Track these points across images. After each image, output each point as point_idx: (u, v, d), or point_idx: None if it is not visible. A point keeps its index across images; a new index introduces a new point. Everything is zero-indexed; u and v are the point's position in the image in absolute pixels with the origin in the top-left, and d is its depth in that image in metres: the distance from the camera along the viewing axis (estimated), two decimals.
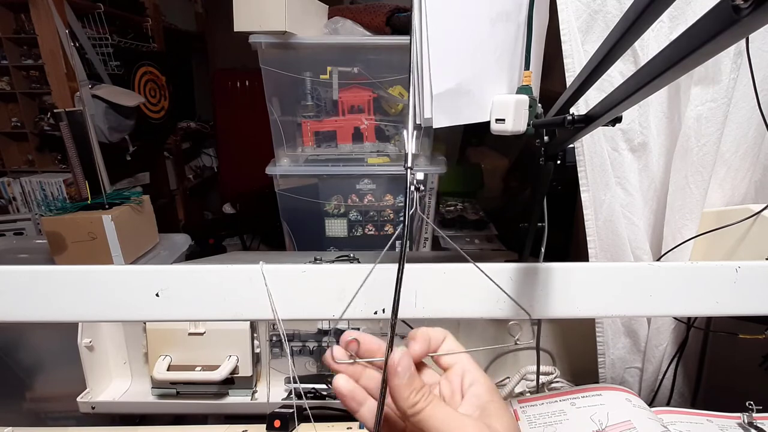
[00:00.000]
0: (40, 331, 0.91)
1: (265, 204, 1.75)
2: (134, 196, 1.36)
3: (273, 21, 1.08)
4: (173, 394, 0.83)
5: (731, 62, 0.72)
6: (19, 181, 2.03)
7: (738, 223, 0.74)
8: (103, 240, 1.23)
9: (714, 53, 0.23)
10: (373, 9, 1.29)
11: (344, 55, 1.25)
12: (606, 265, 0.48)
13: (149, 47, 2.31)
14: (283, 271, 0.45)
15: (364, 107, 1.32)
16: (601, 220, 0.80)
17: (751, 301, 0.46)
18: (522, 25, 0.82)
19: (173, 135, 2.65)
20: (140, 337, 0.83)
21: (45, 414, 0.94)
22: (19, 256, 1.45)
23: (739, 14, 0.18)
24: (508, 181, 1.74)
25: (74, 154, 1.31)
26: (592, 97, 0.74)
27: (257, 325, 0.83)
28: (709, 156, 0.75)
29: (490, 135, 0.83)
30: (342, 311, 0.44)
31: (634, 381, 0.88)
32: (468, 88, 0.84)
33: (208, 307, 0.45)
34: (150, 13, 2.32)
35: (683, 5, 0.71)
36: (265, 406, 0.77)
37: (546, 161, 0.65)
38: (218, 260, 1.42)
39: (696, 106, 0.74)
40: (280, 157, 1.35)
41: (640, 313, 0.47)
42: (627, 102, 0.32)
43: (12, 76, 1.94)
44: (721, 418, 0.64)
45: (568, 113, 0.48)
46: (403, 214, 0.38)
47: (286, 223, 1.46)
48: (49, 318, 0.45)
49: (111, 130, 1.86)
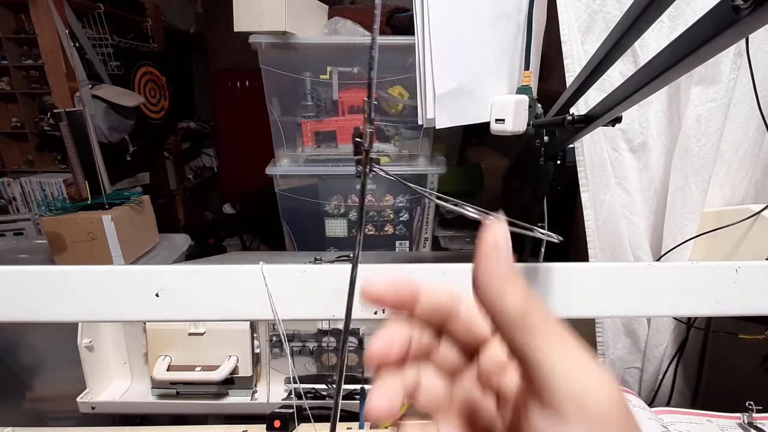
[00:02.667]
0: (40, 331, 0.91)
1: (265, 204, 1.75)
2: (134, 196, 1.36)
3: (273, 21, 1.08)
4: (173, 394, 0.83)
5: (731, 62, 0.72)
6: (19, 182, 2.02)
7: (738, 223, 0.74)
8: (103, 240, 1.23)
9: (714, 53, 0.23)
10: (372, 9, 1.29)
11: (344, 55, 1.25)
12: (606, 265, 0.48)
13: (149, 47, 2.31)
14: (283, 271, 0.45)
15: (364, 107, 1.32)
16: (601, 220, 0.80)
17: (751, 301, 0.46)
18: (522, 26, 0.82)
19: (173, 135, 2.65)
20: (140, 337, 0.83)
21: (45, 414, 0.94)
22: (19, 256, 1.45)
23: (739, 14, 0.18)
24: (508, 181, 1.74)
25: (74, 154, 1.30)
26: (592, 97, 0.74)
27: (257, 325, 0.83)
28: (709, 156, 0.75)
29: (490, 135, 0.83)
30: (342, 311, 0.44)
31: (634, 381, 0.88)
32: (469, 88, 0.84)
33: (208, 307, 0.45)
34: (150, 13, 2.32)
35: (683, 5, 0.71)
36: (265, 406, 0.77)
37: (546, 161, 0.65)
38: (218, 260, 1.42)
39: (696, 106, 0.74)
40: (280, 157, 1.35)
41: (640, 313, 0.47)
42: (627, 102, 0.32)
43: (12, 76, 1.94)
44: (721, 418, 0.64)
45: (568, 113, 0.48)
46: (358, 213, 0.34)
47: (286, 223, 1.46)
48: (49, 318, 0.45)
49: (111, 130, 1.86)
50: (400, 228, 1.47)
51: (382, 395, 0.20)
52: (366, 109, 0.24)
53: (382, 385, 0.20)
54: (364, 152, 0.25)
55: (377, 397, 0.19)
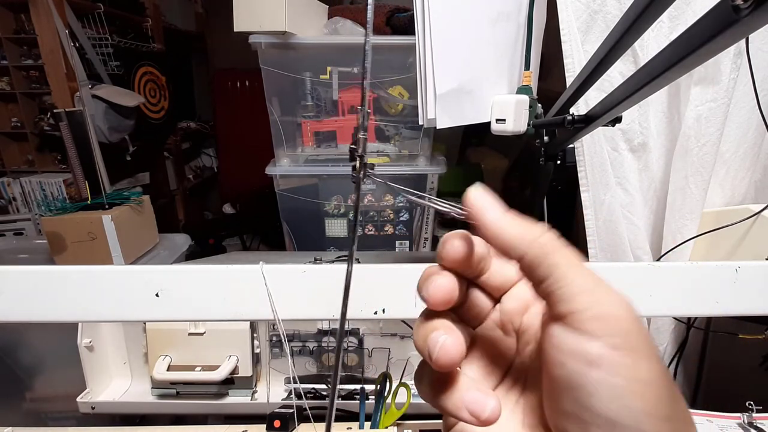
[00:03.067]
0: (40, 331, 0.91)
1: (265, 204, 1.75)
2: (134, 196, 1.36)
3: (273, 21, 1.08)
4: (173, 394, 0.83)
5: (731, 62, 0.72)
6: (19, 181, 2.02)
7: (738, 223, 0.74)
8: (103, 240, 1.23)
9: (714, 53, 0.23)
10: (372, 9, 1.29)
11: (344, 55, 1.25)
12: (606, 265, 0.48)
13: (149, 47, 2.31)
14: (283, 271, 0.45)
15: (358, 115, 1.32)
16: (601, 220, 0.80)
17: (751, 301, 0.46)
18: (522, 26, 0.82)
19: (173, 135, 2.64)
20: (140, 337, 0.83)
21: (45, 414, 0.94)
22: (19, 256, 1.45)
23: (739, 14, 0.18)
24: (508, 181, 1.74)
25: (74, 154, 1.30)
26: (592, 97, 0.74)
27: (257, 325, 0.83)
28: (709, 156, 0.75)
29: (490, 135, 0.83)
30: (342, 311, 0.44)
31: None
32: (470, 88, 0.84)
33: (208, 307, 0.45)
34: (150, 13, 2.32)
35: (683, 5, 0.71)
36: (265, 406, 0.77)
37: (546, 161, 0.65)
38: (218, 260, 1.42)
39: (696, 106, 0.74)
40: (280, 157, 1.35)
41: (640, 313, 0.47)
42: (627, 102, 0.32)
43: (12, 76, 1.94)
44: (721, 418, 0.64)
45: (568, 113, 0.48)
46: (353, 216, 0.34)
47: (286, 223, 1.46)
48: (49, 318, 0.45)
49: (111, 130, 1.86)
50: (400, 228, 1.47)
51: (456, 341, 0.20)
52: (359, 117, 0.25)
53: (451, 332, 0.20)
54: (358, 158, 0.25)
55: (454, 342, 0.20)
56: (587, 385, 0.17)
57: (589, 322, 0.18)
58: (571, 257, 0.19)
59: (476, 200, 0.20)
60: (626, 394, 0.17)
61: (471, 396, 0.20)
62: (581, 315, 0.18)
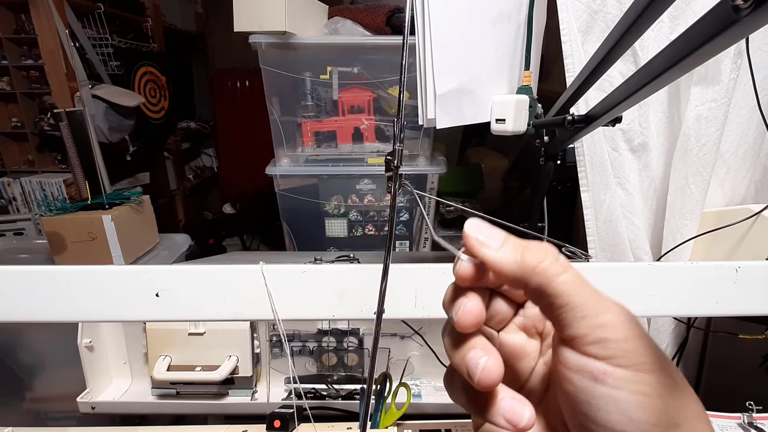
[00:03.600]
0: (40, 331, 0.91)
1: (265, 204, 1.75)
2: (134, 196, 1.36)
3: (273, 21, 1.08)
4: (173, 394, 0.83)
5: (731, 62, 0.72)
6: (19, 181, 2.02)
7: (738, 223, 0.74)
8: (103, 240, 1.23)
9: (714, 53, 0.23)
10: (373, 9, 1.29)
11: (344, 55, 1.25)
12: (606, 265, 0.48)
13: (149, 47, 2.31)
14: (283, 271, 0.45)
15: (364, 107, 1.32)
16: (601, 220, 0.80)
17: (751, 301, 0.46)
18: (522, 26, 0.82)
19: (173, 135, 2.64)
20: (140, 337, 0.83)
21: (45, 414, 0.94)
22: (19, 256, 1.45)
23: (739, 14, 0.18)
24: (508, 181, 1.74)
25: (74, 154, 1.30)
26: (592, 97, 0.74)
27: (257, 325, 0.83)
28: (709, 156, 0.75)
29: (490, 135, 0.83)
30: (342, 311, 0.44)
31: None
32: (470, 88, 0.84)
33: (208, 307, 0.45)
34: (150, 13, 2.32)
35: (683, 5, 0.71)
36: (265, 406, 0.77)
37: (546, 161, 0.65)
38: (218, 260, 1.42)
39: (696, 106, 0.74)
40: (280, 157, 1.35)
41: (640, 313, 0.47)
42: (627, 102, 0.32)
43: (12, 76, 1.94)
44: (721, 418, 0.64)
45: (568, 113, 0.48)
46: (389, 215, 0.34)
47: (286, 223, 1.46)
48: (49, 318, 0.44)
49: (111, 130, 1.86)
50: (400, 228, 1.47)
51: (497, 362, 0.20)
52: (395, 128, 0.25)
53: (490, 352, 0.20)
54: (395, 169, 0.25)
55: (495, 363, 0.20)
56: (594, 400, 0.18)
57: (591, 347, 0.19)
58: (570, 281, 0.19)
59: (472, 235, 0.21)
60: (631, 407, 0.18)
61: (508, 405, 0.21)
62: (584, 340, 0.19)
